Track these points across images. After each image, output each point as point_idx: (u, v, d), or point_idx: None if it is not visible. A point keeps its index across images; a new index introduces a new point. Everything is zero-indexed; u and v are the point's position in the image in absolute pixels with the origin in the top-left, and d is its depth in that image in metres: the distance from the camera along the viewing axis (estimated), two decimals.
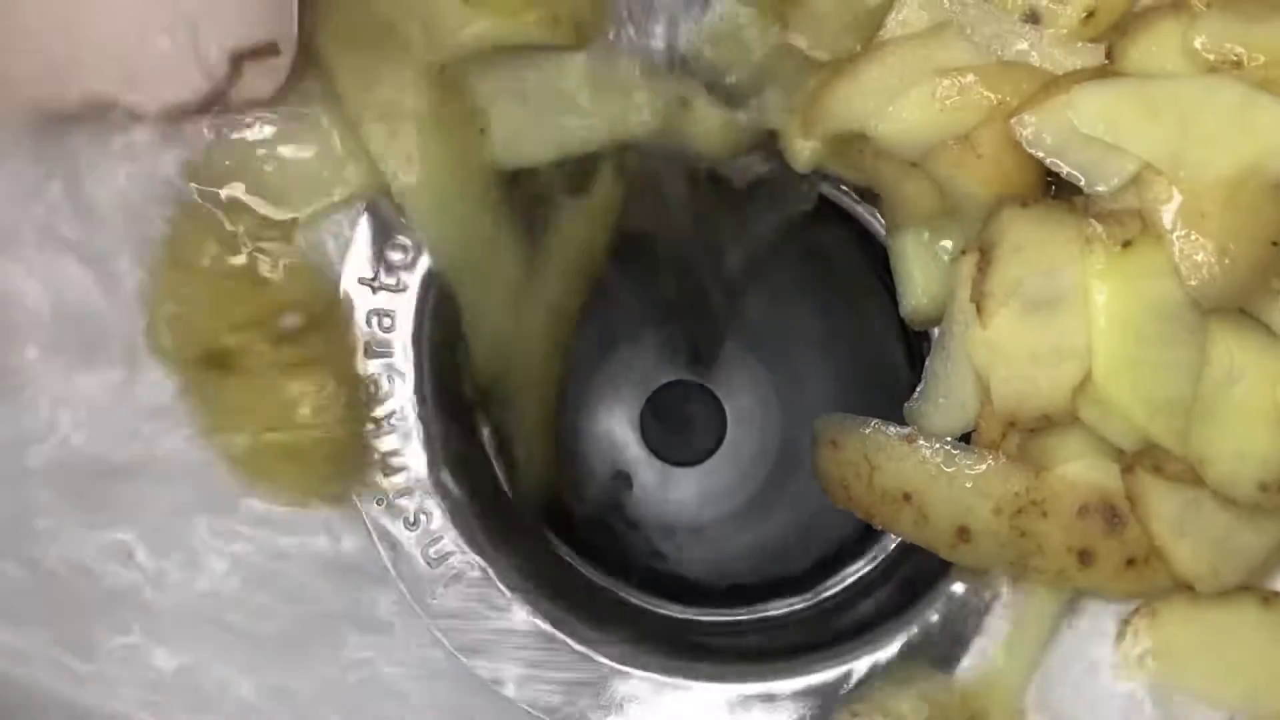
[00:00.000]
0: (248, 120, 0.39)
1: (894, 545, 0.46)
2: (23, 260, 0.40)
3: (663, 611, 0.46)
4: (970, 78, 0.36)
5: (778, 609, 0.46)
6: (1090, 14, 0.35)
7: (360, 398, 0.40)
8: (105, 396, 0.40)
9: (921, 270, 0.39)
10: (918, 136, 0.36)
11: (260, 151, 0.39)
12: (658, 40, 0.39)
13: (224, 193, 0.39)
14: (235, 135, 0.39)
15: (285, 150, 0.39)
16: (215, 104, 0.38)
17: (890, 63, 0.37)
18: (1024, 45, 0.36)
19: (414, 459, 0.41)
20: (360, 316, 0.41)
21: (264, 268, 0.39)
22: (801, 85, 0.39)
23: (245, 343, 0.39)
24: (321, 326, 0.40)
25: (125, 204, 0.40)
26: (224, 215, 0.39)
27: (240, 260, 0.39)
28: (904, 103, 0.36)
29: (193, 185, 0.39)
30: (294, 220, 0.40)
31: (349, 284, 0.40)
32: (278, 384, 0.39)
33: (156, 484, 0.40)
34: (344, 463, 0.40)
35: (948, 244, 0.38)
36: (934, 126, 0.36)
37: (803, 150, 0.39)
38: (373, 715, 0.40)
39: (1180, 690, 0.38)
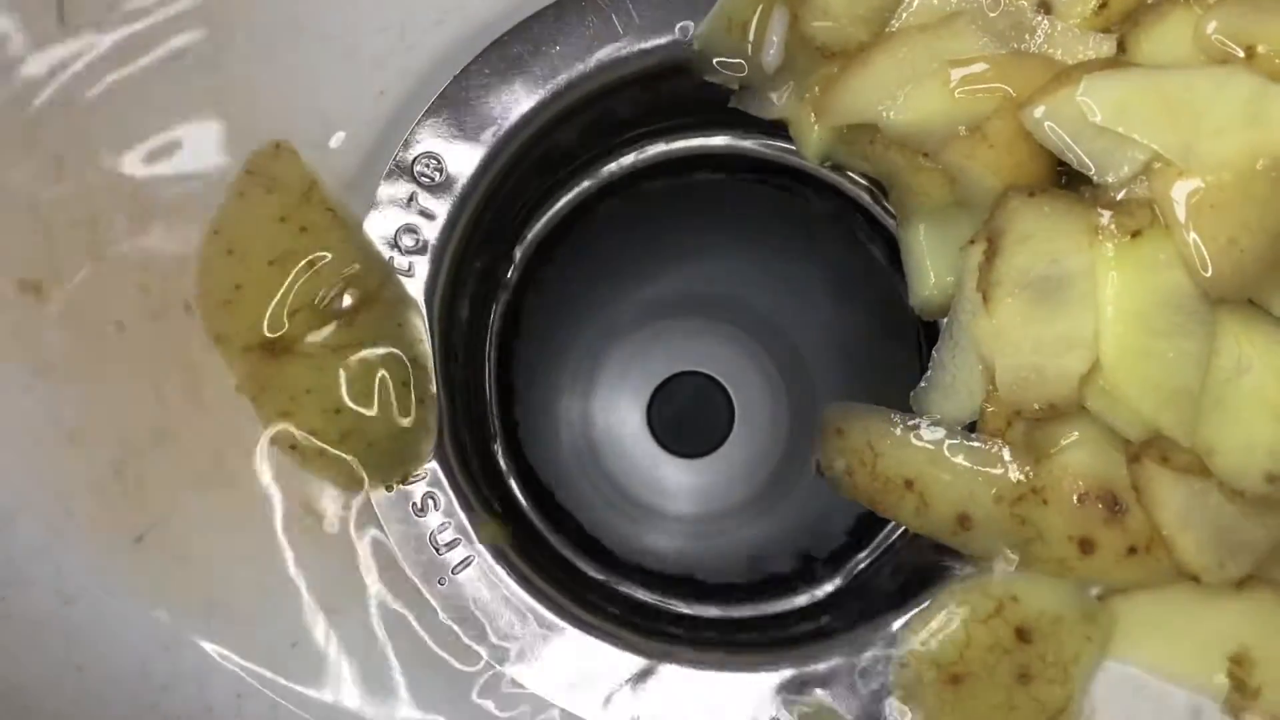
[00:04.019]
0: None
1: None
2: None
3: (664, 605, 0.45)
4: (982, 68, 0.35)
5: (782, 604, 0.45)
6: (1103, 4, 0.34)
7: (420, 375, 0.39)
8: None
9: (931, 261, 0.38)
10: (929, 127, 0.35)
11: None
12: None
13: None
14: None
15: None
16: None
17: (902, 53, 0.35)
18: (1037, 35, 0.35)
19: None
20: None
21: (315, 249, 0.39)
22: (812, 75, 0.37)
23: (302, 326, 0.39)
24: (375, 304, 0.39)
25: None
26: (275, 199, 0.39)
27: (292, 244, 0.39)
28: (915, 93, 0.35)
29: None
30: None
31: None
32: (336, 366, 0.39)
33: None
34: (405, 442, 0.39)
35: (958, 235, 0.37)
36: (945, 117, 0.35)
37: (813, 139, 0.38)
38: (376, 696, 0.39)
39: (1185, 683, 0.37)
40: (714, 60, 0.38)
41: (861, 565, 0.45)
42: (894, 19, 0.36)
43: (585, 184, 0.47)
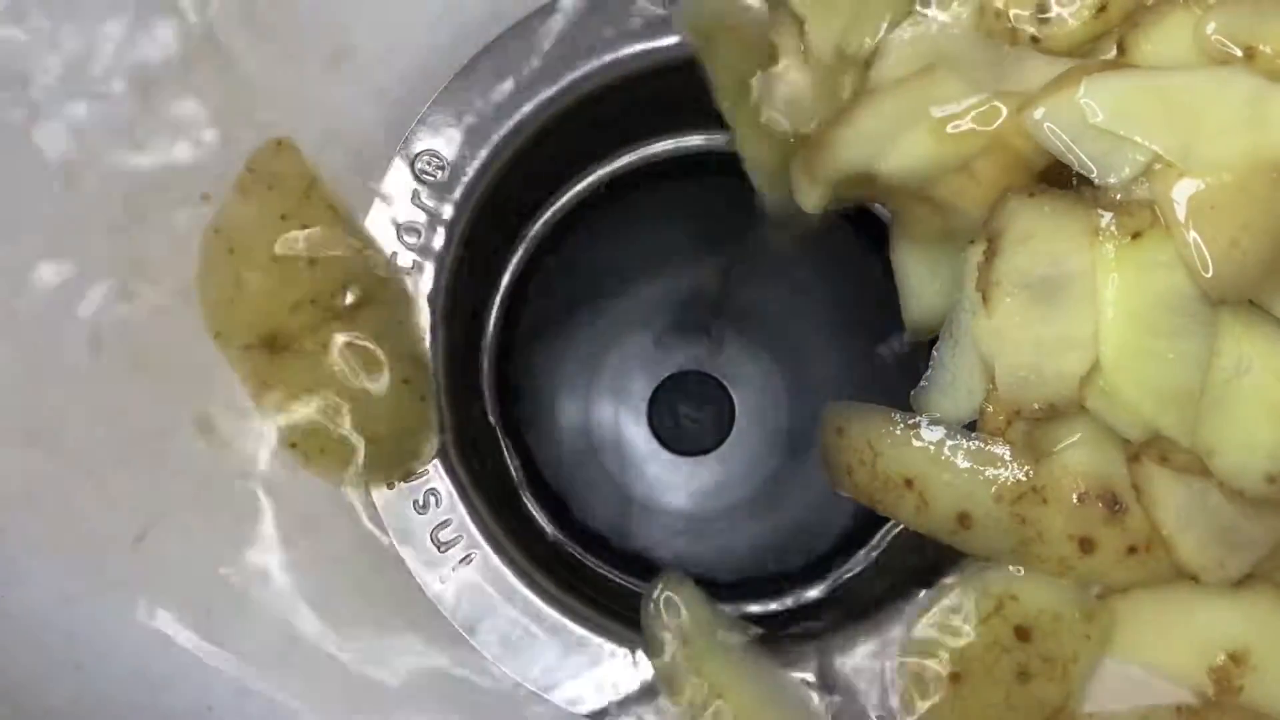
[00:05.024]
0: None
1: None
2: None
3: None
4: (963, 109, 0.34)
5: (782, 603, 0.45)
6: (1102, 7, 0.34)
7: (421, 373, 0.39)
8: None
9: (924, 283, 0.38)
10: (919, 171, 0.35)
11: None
12: None
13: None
14: None
15: None
16: None
17: (885, 107, 0.35)
18: (1017, 69, 0.35)
19: None
20: None
21: (316, 246, 0.39)
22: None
23: (302, 323, 0.38)
24: (377, 301, 0.39)
25: None
26: (276, 197, 0.39)
27: (293, 240, 0.39)
28: (902, 142, 0.35)
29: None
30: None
31: None
32: (337, 364, 0.39)
33: None
34: (406, 439, 0.39)
35: (950, 260, 0.37)
36: (933, 161, 0.35)
37: (810, 194, 0.38)
38: (378, 695, 0.39)
39: (1184, 682, 0.37)
40: None
41: (862, 564, 0.45)
42: (871, 72, 0.36)
43: (588, 182, 0.47)
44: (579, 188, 0.47)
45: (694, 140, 0.46)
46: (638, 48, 0.39)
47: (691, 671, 0.38)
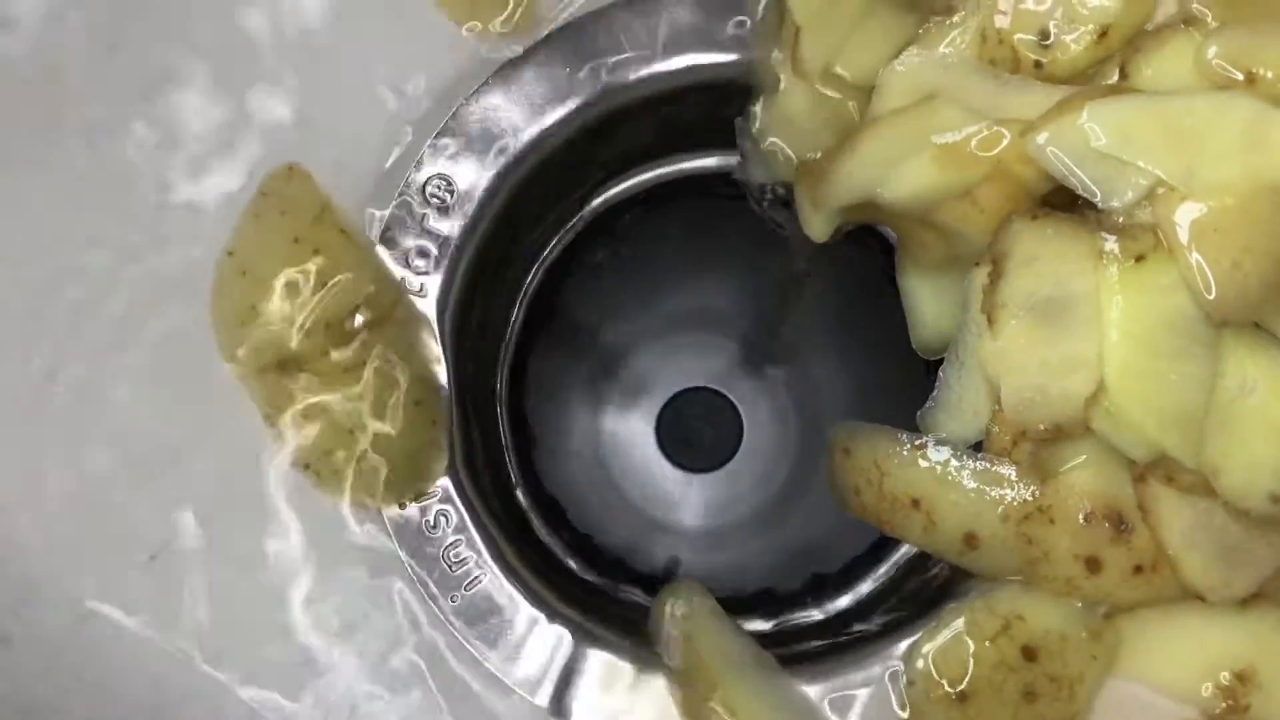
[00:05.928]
0: None
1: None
2: None
3: None
4: (965, 138, 0.35)
5: (786, 621, 0.45)
6: (1103, 32, 0.34)
7: (432, 394, 0.40)
8: None
9: (931, 306, 0.39)
10: (922, 198, 0.36)
11: None
12: None
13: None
14: None
15: None
16: None
17: (886, 135, 0.36)
18: (1019, 95, 0.35)
19: None
20: None
21: (328, 270, 0.39)
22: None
23: (315, 345, 0.39)
24: (388, 324, 0.39)
25: None
26: (288, 221, 0.39)
27: (306, 264, 0.39)
28: (905, 170, 0.36)
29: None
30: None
31: None
32: (349, 385, 0.39)
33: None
34: (418, 460, 0.39)
35: (956, 283, 0.37)
36: (936, 188, 0.35)
37: (816, 222, 0.38)
38: (390, 714, 0.39)
39: (1190, 702, 0.37)
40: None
41: (869, 583, 0.45)
42: (873, 102, 0.37)
43: (596, 203, 0.47)
44: (588, 209, 0.47)
45: (704, 161, 0.47)
46: (646, 72, 0.40)
47: (700, 680, 0.38)
